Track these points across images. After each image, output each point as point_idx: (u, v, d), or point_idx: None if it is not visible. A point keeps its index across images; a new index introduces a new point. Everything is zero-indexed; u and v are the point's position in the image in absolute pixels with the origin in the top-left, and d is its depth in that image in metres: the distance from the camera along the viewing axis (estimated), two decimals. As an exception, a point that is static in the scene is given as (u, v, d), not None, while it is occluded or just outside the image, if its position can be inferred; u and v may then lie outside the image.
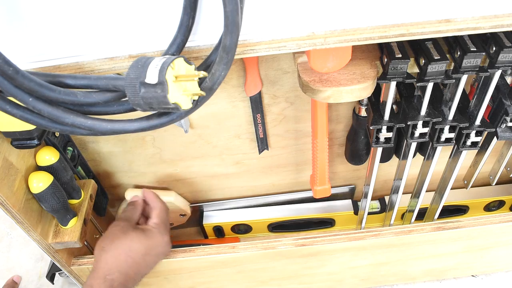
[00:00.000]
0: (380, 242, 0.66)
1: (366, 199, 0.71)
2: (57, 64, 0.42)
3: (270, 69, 0.59)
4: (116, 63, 0.42)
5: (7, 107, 0.36)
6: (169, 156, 0.72)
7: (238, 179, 0.78)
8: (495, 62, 0.47)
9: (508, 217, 0.66)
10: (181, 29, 0.39)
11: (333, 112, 0.66)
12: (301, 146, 0.72)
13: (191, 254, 0.66)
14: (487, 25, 0.41)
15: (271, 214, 0.83)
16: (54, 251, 0.63)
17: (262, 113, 0.64)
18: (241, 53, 0.42)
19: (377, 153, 0.62)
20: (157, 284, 0.73)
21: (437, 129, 0.56)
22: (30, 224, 0.56)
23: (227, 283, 0.75)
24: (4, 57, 0.32)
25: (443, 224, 0.66)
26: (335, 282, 0.77)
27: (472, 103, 0.56)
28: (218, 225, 0.84)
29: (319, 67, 0.48)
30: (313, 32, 0.41)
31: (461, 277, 0.81)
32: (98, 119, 0.37)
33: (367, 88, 0.48)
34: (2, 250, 0.93)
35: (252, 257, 0.67)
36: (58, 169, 0.59)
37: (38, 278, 0.88)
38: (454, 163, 0.63)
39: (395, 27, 0.41)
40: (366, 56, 0.50)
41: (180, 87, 0.35)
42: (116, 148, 0.69)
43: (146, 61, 0.34)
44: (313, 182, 0.69)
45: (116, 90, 0.36)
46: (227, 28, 0.34)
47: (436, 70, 0.48)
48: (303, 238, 0.66)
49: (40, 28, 0.40)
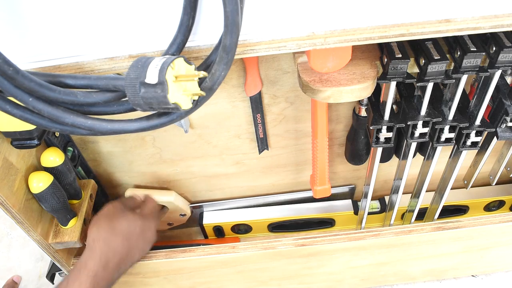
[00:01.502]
0: (380, 242, 0.66)
1: (366, 199, 0.71)
2: (57, 64, 0.42)
3: (270, 69, 0.59)
4: (116, 63, 0.42)
5: (7, 107, 0.36)
6: (169, 156, 0.72)
7: (238, 179, 0.78)
8: (495, 62, 0.47)
9: (508, 217, 0.66)
10: (181, 29, 0.39)
11: (333, 112, 0.66)
12: (301, 146, 0.72)
13: (191, 254, 0.66)
14: (487, 25, 0.41)
15: (271, 214, 0.83)
16: (54, 251, 0.63)
17: (262, 113, 0.64)
18: (241, 53, 0.42)
19: (377, 153, 0.62)
20: (157, 284, 0.73)
21: (437, 129, 0.56)
22: (30, 224, 0.56)
23: (227, 283, 0.75)
24: (4, 57, 0.32)
25: (443, 224, 0.66)
26: (335, 282, 0.77)
27: (472, 103, 0.56)
28: (218, 225, 0.84)
29: (319, 67, 0.48)
30: (313, 32, 0.41)
31: (461, 277, 0.81)
32: (98, 119, 0.37)
33: (367, 88, 0.48)
34: (2, 250, 0.93)
35: (252, 257, 0.67)
36: (62, 171, 0.59)
37: (38, 278, 0.88)
38: (454, 163, 0.63)
39: (395, 27, 0.41)
40: (366, 56, 0.50)
41: (180, 87, 0.35)
42: (116, 148, 0.69)
43: (146, 61, 0.34)
44: (313, 182, 0.69)
45: (116, 90, 0.36)
46: (227, 28, 0.34)
47: (436, 70, 0.48)
48: (303, 238, 0.66)
49: (40, 28, 0.40)
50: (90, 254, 0.56)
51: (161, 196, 0.76)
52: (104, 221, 0.59)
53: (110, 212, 0.60)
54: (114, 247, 0.57)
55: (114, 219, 0.59)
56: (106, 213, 0.60)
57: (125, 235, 0.58)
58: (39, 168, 0.59)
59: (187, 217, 0.83)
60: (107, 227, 0.58)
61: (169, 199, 0.77)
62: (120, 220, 0.59)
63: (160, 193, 0.77)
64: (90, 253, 0.56)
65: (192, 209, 0.83)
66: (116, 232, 0.58)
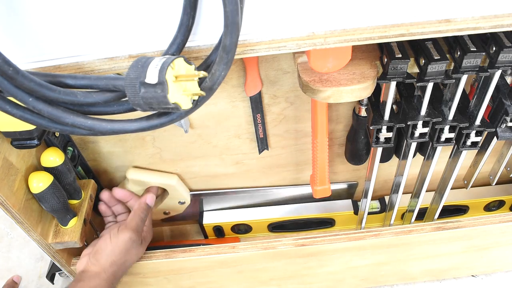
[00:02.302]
0: (380, 242, 0.66)
1: (366, 199, 0.71)
2: (57, 64, 0.42)
3: (270, 69, 0.59)
4: (116, 63, 0.42)
5: (7, 107, 0.36)
6: (169, 156, 0.72)
7: (238, 179, 0.78)
8: (495, 62, 0.47)
9: (508, 217, 0.66)
10: (181, 29, 0.39)
11: (333, 112, 0.66)
12: (301, 146, 0.72)
13: (191, 254, 0.66)
14: (487, 25, 0.41)
15: (271, 214, 0.83)
16: (54, 251, 0.63)
17: (262, 113, 0.64)
18: (241, 53, 0.42)
19: (377, 153, 0.62)
20: (157, 284, 0.73)
21: (437, 129, 0.56)
22: (30, 224, 0.56)
23: (227, 283, 0.75)
24: (4, 57, 0.32)
25: (443, 224, 0.66)
26: (335, 282, 0.77)
27: (472, 103, 0.56)
28: (218, 225, 0.84)
29: (319, 67, 0.48)
30: (313, 32, 0.41)
31: (461, 277, 0.81)
32: (98, 119, 0.37)
33: (367, 88, 0.48)
34: (2, 250, 0.93)
35: (252, 257, 0.67)
36: (62, 170, 0.59)
37: (38, 278, 0.88)
38: (454, 163, 0.63)
39: (395, 27, 0.41)
40: (366, 56, 0.50)
41: (180, 87, 0.35)
42: (116, 148, 0.69)
43: (146, 61, 0.34)
44: (313, 182, 0.68)
45: (116, 90, 0.36)
46: (227, 28, 0.34)
47: (436, 70, 0.48)
48: (303, 238, 0.66)
49: (40, 28, 0.40)
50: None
51: (163, 178, 0.75)
52: (120, 258, 0.63)
53: (127, 248, 0.64)
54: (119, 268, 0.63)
55: (127, 255, 0.64)
56: (122, 248, 0.63)
57: (127, 264, 0.64)
58: (39, 168, 0.59)
59: (185, 206, 0.81)
60: (119, 259, 0.63)
61: (171, 182, 0.75)
62: (132, 256, 0.65)
63: (162, 176, 0.75)
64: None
65: (192, 201, 0.81)
66: (124, 262, 0.64)
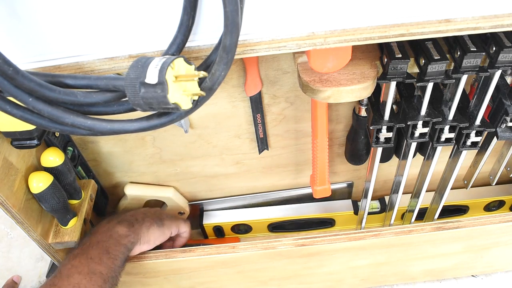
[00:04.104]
0: (380, 242, 0.66)
1: (366, 199, 0.71)
2: (57, 64, 0.42)
3: (270, 69, 0.59)
4: (116, 63, 0.42)
5: (7, 107, 0.36)
6: (169, 156, 0.72)
7: (238, 179, 0.78)
8: (495, 62, 0.47)
9: (508, 217, 0.66)
10: (181, 29, 0.39)
11: (333, 112, 0.66)
12: (301, 146, 0.72)
13: (191, 254, 0.66)
14: (487, 25, 0.41)
15: (271, 214, 0.83)
16: (54, 251, 0.63)
17: (262, 113, 0.64)
18: (241, 53, 0.42)
19: (377, 153, 0.62)
20: (157, 284, 0.73)
21: (437, 129, 0.56)
22: (30, 224, 0.56)
23: (227, 283, 0.75)
24: (4, 57, 0.32)
25: (443, 224, 0.66)
26: (335, 282, 0.77)
27: (472, 103, 0.56)
28: (218, 225, 0.84)
29: (319, 67, 0.48)
30: (313, 32, 0.41)
31: (461, 277, 0.81)
32: (98, 119, 0.37)
33: (367, 88, 0.48)
34: (2, 250, 0.93)
35: (252, 257, 0.67)
36: (62, 170, 0.59)
37: (38, 278, 0.88)
38: (454, 163, 0.63)
39: (395, 27, 0.41)
40: (366, 56, 0.50)
41: (180, 87, 0.35)
42: (116, 148, 0.69)
43: (146, 61, 0.34)
44: (313, 182, 0.68)
45: (116, 90, 0.36)
46: (227, 28, 0.34)
47: (436, 70, 0.48)
48: (303, 238, 0.66)
49: (40, 28, 0.40)
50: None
51: (159, 192, 0.76)
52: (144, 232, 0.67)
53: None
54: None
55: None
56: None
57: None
58: (39, 168, 0.59)
59: (185, 216, 0.83)
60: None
61: (168, 195, 0.77)
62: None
63: (158, 189, 0.77)
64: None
65: (191, 208, 0.83)
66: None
